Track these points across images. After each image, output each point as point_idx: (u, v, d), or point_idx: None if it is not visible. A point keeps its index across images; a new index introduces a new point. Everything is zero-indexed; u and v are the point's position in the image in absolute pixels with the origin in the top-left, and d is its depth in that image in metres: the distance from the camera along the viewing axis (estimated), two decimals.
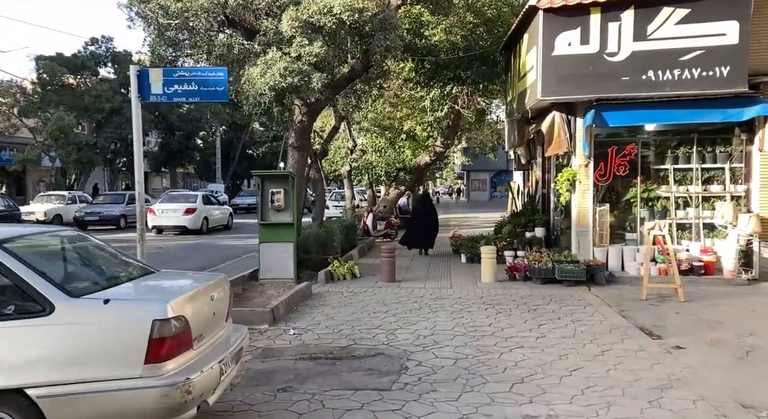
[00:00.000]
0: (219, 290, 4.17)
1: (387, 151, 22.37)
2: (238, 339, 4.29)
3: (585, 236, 10.43)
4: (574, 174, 10.43)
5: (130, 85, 6.27)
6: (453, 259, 13.61)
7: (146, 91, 6.24)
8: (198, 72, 6.18)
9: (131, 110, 6.60)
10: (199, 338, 3.66)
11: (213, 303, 3.98)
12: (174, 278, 4.53)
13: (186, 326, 3.46)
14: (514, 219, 13.45)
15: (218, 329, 4.09)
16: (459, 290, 9.60)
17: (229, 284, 4.52)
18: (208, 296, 3.95)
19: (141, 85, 6.23)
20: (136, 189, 6.79)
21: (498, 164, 49.47)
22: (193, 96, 6.18)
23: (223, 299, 4.23)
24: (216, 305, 4.03)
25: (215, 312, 4.01)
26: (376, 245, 17.11)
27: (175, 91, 6.17)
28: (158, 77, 6.12)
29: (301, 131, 11.58)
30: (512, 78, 13.24)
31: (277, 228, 10.56)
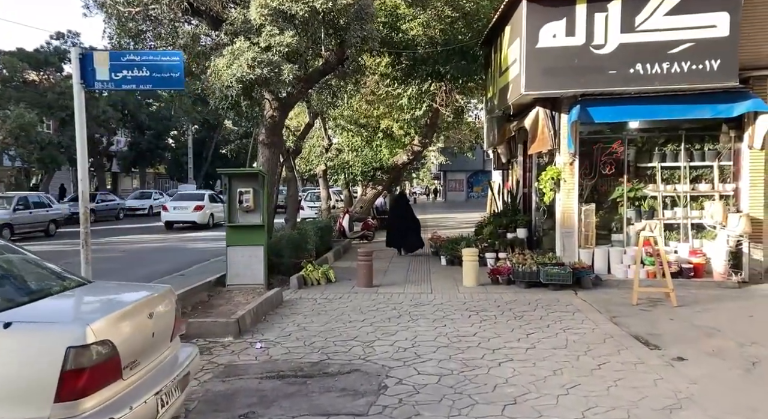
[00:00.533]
0: (161, 305, 3.53)
1: (363, 150, 21.80)
2: (185, 361, 3.65)
3: (570, 237, 9.99)
4: (559, 173, 9.98)
5: None
6: (432, 261, 13.09)
7: (90, 77, 5.52)
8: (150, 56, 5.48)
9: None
10: (132, 365, 3.02)
11: (152, 321, 3.34)
12: (106, 293, 3.82)
13: (113, 352, 2.83)
14: (495, 220, 12.99)
15: (159, 351, 3.44)
16: (440, 295, 9.06)
17: (175, 297, 3.86)
18: (146, 313, 3.30)
19: (84, 71, 5.50)
20: (79, 188, 6.08)
21: (475, 164, 49.30)
22: (145, 83, 5.50)
23: (166, 315, 3.59)
24: (156, 324, 3.39)
25: (155, 332, 3.37)
26: (353, 247, 16.51)
27: (123, 77, 5.46)
28: (104, 61, 5.41)
29: (272, 127, 10.92)
30: (493, 73, 12.77)
31: (246, 231, 9.90)
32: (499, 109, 12.27)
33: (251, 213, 10.02)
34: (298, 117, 22.20)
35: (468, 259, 9.78)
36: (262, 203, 9.96)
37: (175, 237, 20.24)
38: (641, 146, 10.18)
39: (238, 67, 8.91)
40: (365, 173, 20.55)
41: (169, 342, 3.61)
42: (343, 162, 20.99)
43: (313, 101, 12.63)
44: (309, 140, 20.40)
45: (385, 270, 11.84)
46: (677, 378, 5.03)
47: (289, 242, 11.03)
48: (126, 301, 3.37)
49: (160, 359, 3.41)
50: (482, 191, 53.22)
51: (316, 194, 30.30)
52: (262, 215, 9.92)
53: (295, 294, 9.36)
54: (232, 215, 10.03)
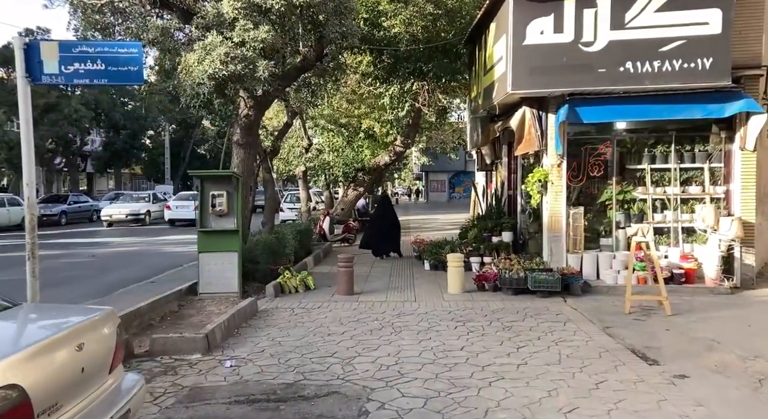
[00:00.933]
0: (96, 333, 3.02)
1: (344, 150, 21.31)
2: (126, 396, 3.13)
3: (558, 241, 9.64)
4: (546, 175, 9.63)
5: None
6: (416, 265, 12.66)
7: (37, 70, 4.95)
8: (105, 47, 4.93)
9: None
10: (51, 410, 2.52)
11: (81, 354, 2.82)
12: (26, 321, 3.27)
13: (21, 399, 2.32)
14: (480, 223, 12.61)
15: (92, 388, 2.93)
16: (424, 303, 8.63)
17: (117, 321, 3.33)
18: (73, 345, 2.79)
19: (30, 63, 4.93)
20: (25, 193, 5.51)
21: (457, 164, 49.15)
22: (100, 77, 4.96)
23: (103, 344, 3.08)
24: (88, 356, 2.88)
25: (86, 367, 2.86)
26: (334, 251, 16.03)
27: (75, 70, 4.90)
28: (53, 53, 4.85)
29: (247, 127, 10.39)
30: (477, 72, 12.40)
31: (219, 236, 9.37)
32: (483, 109, 11.90)
33: (225, 217, 9.49)
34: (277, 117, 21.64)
35: (453, 265, 9.37)
36: (236, 207, 9.45)
37: (151, 240, 19.54)
38: (630, 148, 9.87)
39: (209, 63, 8.39)
40: (346, 174, 20.07)
41: (107, 374, 3.11)
42: (323, 163, 20.48)
43: (292, 100, 12.12)
44: (288, 140, 19.87)
45: (367, 276, 11.38)
46: (681, 399, 4.66)
47: (266, 248, 10.51)
48: (45, 333, 2.83)
49: (92, 397, 2.90)
50: (464, 192, 53.09)
51: (296, 196, 29.72)
52: (237, 220, 9.40)
53: (272, 303, 8.85)
54: (204, 219, 9.49)
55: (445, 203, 49.67)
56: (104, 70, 4.88)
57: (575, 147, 9.75)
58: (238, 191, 9.49)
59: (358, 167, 20.52)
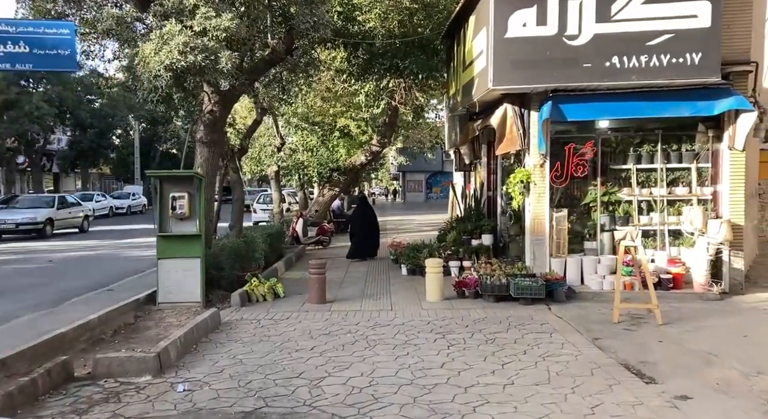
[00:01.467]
0: None
1: (319, 149, 20.67)
2: None
3: (540, 245, 9.19)
4: (528, 175, 9.16)
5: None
6: (392, 269, 12.11)
7: None
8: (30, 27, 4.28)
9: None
10: None
11: None
12: None
13: None
14: (459, 225, 12.12)
15: None
16: (401, 312, 8.08)
17: None
18: None
19: None
20: None
21: (434, 165, 48.86)
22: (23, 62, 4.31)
23: None
24: None
25: None
26: (307, 254, 15.39)
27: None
28: None
29: (211, 124, 9.71)
30: (456, 68, 11.90)
31: (179, 241, 8.69)
32: (462, 106, 11.41)
33: (186, 221, 8.81)
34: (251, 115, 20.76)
35: (431, 271, 8.84)
36: (199, 209, 8.77)
37: (114, 244, 18.63)
38: (615, 147, 9.47)
39: (167, 54, 7.72)
40: (321, 174, 19.43)
41: None
42: (297, 163, 19.80)
43: (261, 96, 11.46)
44: (259, 138, 19.15)
45: (341, 281, 10.79)
46: None
47: (232, 253, 9.84)
48: None
49: None
50: (441, 193, 52.81)
51: (269, 197, 28.93)
52: (199, 223, 8.73)
53: (237, 314, 8.21)
54: (164, 223, 8.79)
55: (422, 203, 49.28)
56: (28, 53, 4.23)
57: (558, 146, 9.30)
58: (200, 193, 8.82)
59: (333, 167, 19.90)
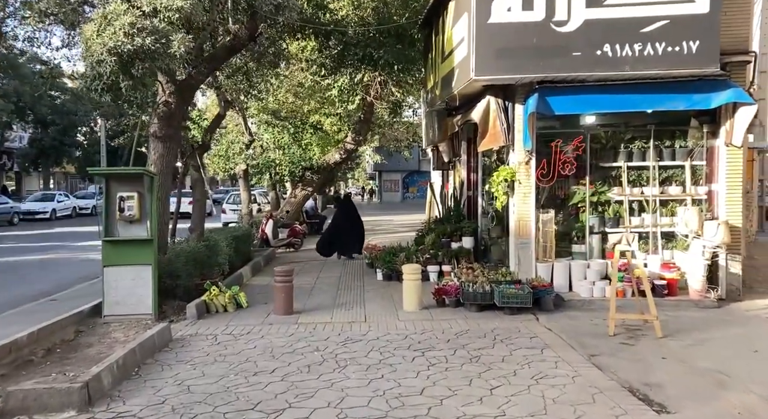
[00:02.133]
0: None
1: (291, 147, 19.76)
2: None
3: (526, 248, 8.52)
4: (513, 173, 8.48)
5: None
6: (367, 274, 11.35)
7: None
8: None
9: None
10: None
11: None
12: None
13: None
14: (437, 227, 11.41)
15: None
16: (376, 325, 7.32)
17: None
18: None
19: None
20: None
21: (411, 164, 48.25)
22: None
23: None
24: None
25: None
26: (277, 258, 14.53)
27: None
28: None
29: (166, 116, 8.81)
30: (434, 60, 11.18)
31: (128, 246, 7.78)
32: (441, 100, 10.69)
33: (136, 224, 7.90)
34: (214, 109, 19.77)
35: (409, 278, 8.09)
36: (151, 211, 7.88)
37: (72, 246, 17.48)
38: (605, 143, 8.85)
39: (111, 36, 6.84)
40: (293, 172, 18.54)
41: None
42: (268, 161, 18.86)
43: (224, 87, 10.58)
44: (227, 135, 18.19)
45: (311, 288, 9.98)
46: None
47: (190, 258, 8.96)
48: None
49: None
50: (418, 192, 52.21)
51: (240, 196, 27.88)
52: (151, 226, 7.83)
53: (192, 328, 7.35)
54: (111, 226, 7.87)
55: (398, 203, 48.60)
56: None
57: (544, 143, 8.64)
58: (152, 192, 7.92)
59: (306, 166, 19.02)
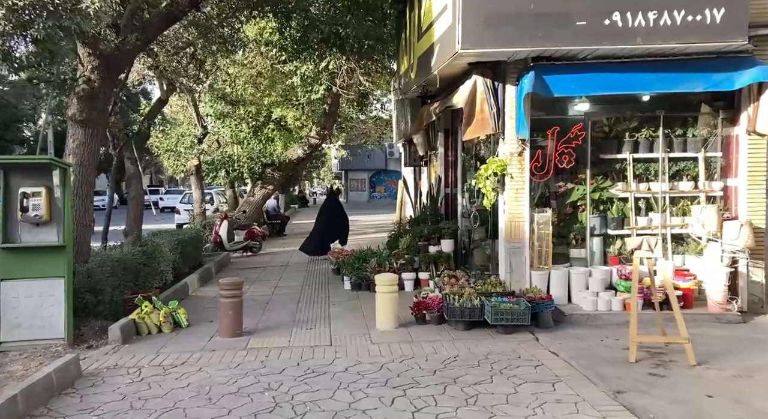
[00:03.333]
0: None
1: (250, 142, 18.19)
2: None
3: (519, 254, 7.29)
4: (504, 167, 7.25)
5: None
6: (333, 282, 9.98)
7: None
8: None
9: None
10: None
11: None
12: None
13: None
14: (413, 228, 10.10)
15: None
16: (344, 349, 5.96)
17: None
18: None
19: None
20: None
21: (377, 163, 47.02)
22: None
23: None
24: None
25: None
26: (233, 263, 13.02)
27: None
28: None
29: (88, 96, 7.25)
30: (408, 39, 9.88)
31: (34, 255, 6.24)
32: (417, 84, 9.40)
33: (45, 227, 6.36)
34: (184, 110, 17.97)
35: (384, 290, 6.75)
36: (65, 211, 6.33)
37: None
38: (608, 132, 7.70)
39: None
40: (252, 169, 16.97)
41: None
42: (224, 157, 17.24)
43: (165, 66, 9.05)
44: (177, 127, 16.52)
45: (267, 301, 8.55)
46: None
47: (120, 268, 7.42)
48: None
49: None
50: (385, 192, 50.93)
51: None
52: (63, 230, 6.29)
53: (113, 357, 5.85)
54: (10, 230, 6.30)
55: (365, 203, 47.21)
56: None
57: (539, 131, 7.43)
58: (66, 188, 6.38)
59: (266, 162, 17.48)
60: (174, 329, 6.94)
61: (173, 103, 16.90)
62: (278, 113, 19.34)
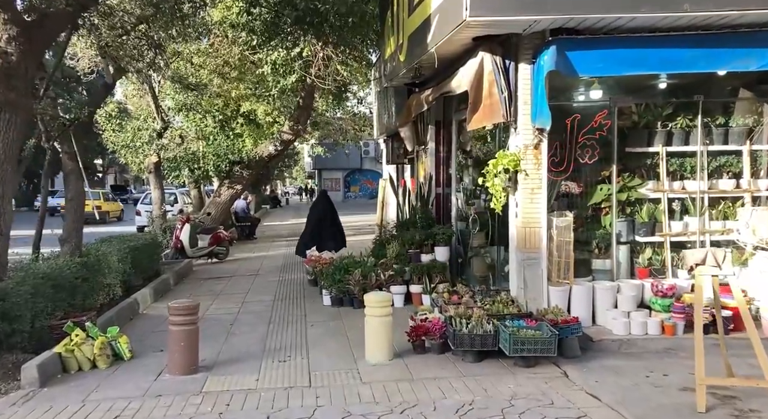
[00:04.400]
0: None
1: (217, 137, 16.69)
2: None
3: (534, 266, 6.10)
4: (517, 162, 6.04)
5: None
6: (310, 296, 8.67)
7: None
8: None
9: None
10: None
11: None
12: None
13: None
14: (402, 234, 8.82)
15: None
16: (327, 392, 4.67)
17: None
18: None
19: None
20: None
21: (352, 162, 45.73)
22: None
23: None
24: None
25: None
26: (194, 272, 11.58)
27: None
28: None
29: (3, 74, 5.79)
30: (397, 15, 8.60)
31: None
32: (408, 67, 8.14)
33: None
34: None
35: (376, 313, 5.46)
36: None
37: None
38: (637, 121, 6.56)
39: None
40: (218, 167, 15.47)
41: None
42: (188, 154, 15.67)
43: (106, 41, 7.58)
44: (134, 120, 14.92)
45: (232, 321, 7.20)
46: None
47: (46, 286, 5.98)
48: None
49: None
50: (360, 192, 49.60)
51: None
52: None
53: (21, 409, 4.45)
54: None
55: (340, 203, 45.75)
56: None
57: (555, 121, 6.21)
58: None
59: (234, 159, 16.00)
60: (113, 363, 5.56)
61: (130, 93, 15.31)
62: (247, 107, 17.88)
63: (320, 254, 9.84)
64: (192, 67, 14.72)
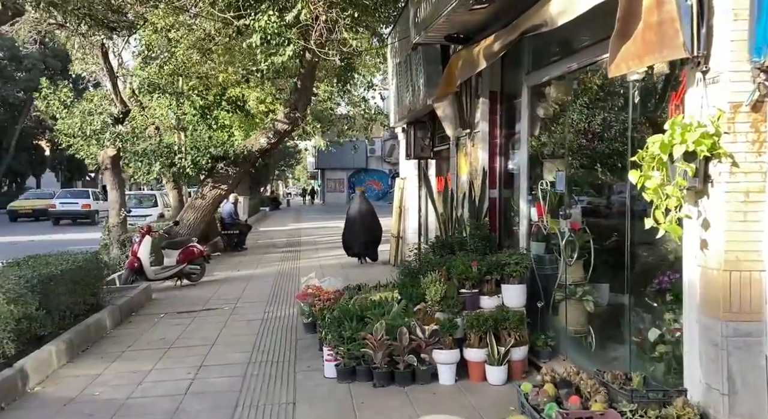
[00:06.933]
0: None
1: (197, 127, 13.69)
2: None
3: (753, 350, 3.04)
4: (715, 139, 2.98)
5: None
6: (304, 354, 5.63)
7: None
8: None
9: None
10: None
11: None
12: None
13: None
14: (449, 262, 5.65)
15: None
16: None
17: None
18: None
19: None
20: None
21: (357, 161, 42.90)
22: None
23: None
24: None
25: None
26: (153, 303, 8.58)
27: None
28: None
29: None
30: None
31: None
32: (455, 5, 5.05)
33: None
34: None
35: None
36: None
37: None
38: None
39: None
40: (197, 162, 12.39)
41: None
42: (161, 146, 12.61)
43: None
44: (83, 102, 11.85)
45: (175, 409, 4.14)
46: None
47: None
48: None
49: None
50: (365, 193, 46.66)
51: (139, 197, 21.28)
52: None
53: None
54: None
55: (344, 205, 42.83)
56: None
57: None
58: None
59: (218, 154, 12.90)
60: None
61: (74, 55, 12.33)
62: (235, 93, 14.89)
63: (319, 284, 6.81)
64: (168, 42, 11.85)
